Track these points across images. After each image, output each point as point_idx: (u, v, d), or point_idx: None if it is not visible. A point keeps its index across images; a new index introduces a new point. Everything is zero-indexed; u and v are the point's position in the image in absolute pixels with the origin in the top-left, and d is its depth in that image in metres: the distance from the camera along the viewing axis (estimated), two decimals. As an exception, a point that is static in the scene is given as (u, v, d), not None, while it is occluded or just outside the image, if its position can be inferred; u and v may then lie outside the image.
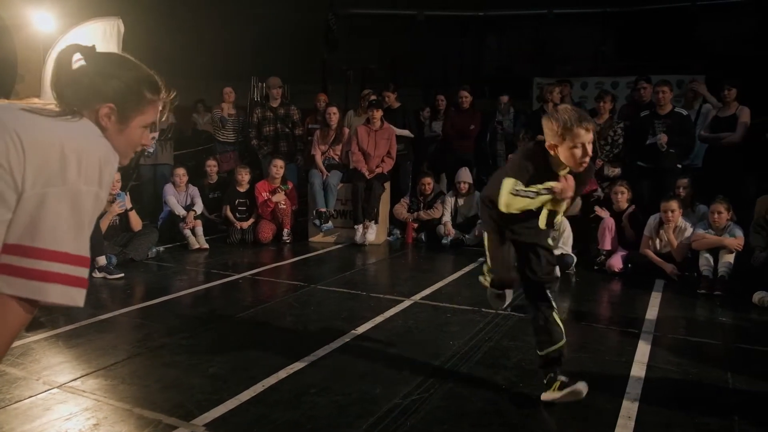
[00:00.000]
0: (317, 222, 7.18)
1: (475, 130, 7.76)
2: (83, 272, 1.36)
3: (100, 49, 1.50)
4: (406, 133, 7.70)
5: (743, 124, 6.23)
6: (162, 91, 1.55)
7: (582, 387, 2.78)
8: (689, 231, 5.40)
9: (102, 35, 5.36)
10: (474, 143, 7.88)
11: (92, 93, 1.44)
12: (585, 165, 2.69)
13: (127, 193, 6.17)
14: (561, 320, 2.93)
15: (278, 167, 7.19)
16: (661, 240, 5.55)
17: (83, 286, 1.36)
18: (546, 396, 2.85)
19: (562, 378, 2.84)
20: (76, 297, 1.35)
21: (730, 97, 6.38)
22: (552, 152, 2.70)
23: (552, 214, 2.70)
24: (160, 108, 1.57)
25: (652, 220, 5.59)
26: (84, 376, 3.13)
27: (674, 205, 5.40)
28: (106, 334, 3.83)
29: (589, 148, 2.65)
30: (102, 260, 5.33)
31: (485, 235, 3.15)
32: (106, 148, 1.41)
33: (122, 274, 5.35)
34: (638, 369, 3.28)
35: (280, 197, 7.19)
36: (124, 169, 6.08)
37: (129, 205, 6.09)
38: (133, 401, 2.84)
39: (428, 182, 7.33)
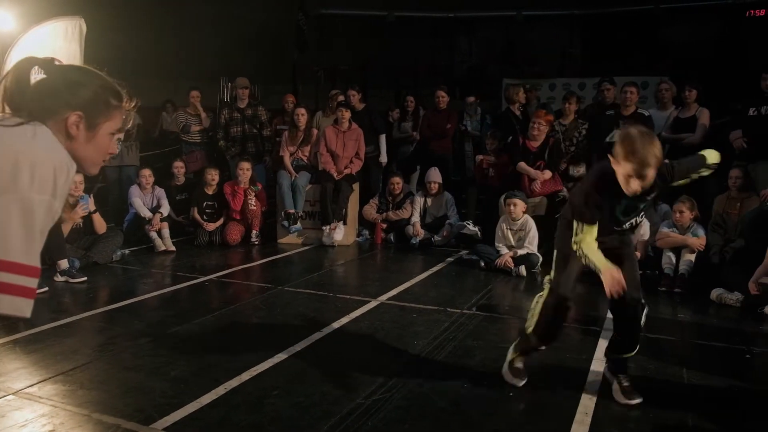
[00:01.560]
0: (286, 223, 7.14)
1: (451, 129, 7.80)
2: (33, 282, 1.35)
3: (62, 48, 1.50)
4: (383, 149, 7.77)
5: (703, 125, 6.37)
6: (124, 98, 1.54)
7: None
8: (645, 227, 5.46)
9: (64, 34, 5.25)
10: (452, 143, 7.93)
11: (59, 102, 1.43)
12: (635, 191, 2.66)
13: (91, 195, 6.07)
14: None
15: (245, 170, 7.10)
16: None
17: (31, 297, 1.35)
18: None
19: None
20: (24, 308, 1.34)
21: (690, 98, 6.50)
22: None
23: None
24: (124, 116, 1.56)
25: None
26: (41, 381, 3.08)
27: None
28: (66, 338, 3.76)
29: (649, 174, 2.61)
30: (64, 264, 5.22)
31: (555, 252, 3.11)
32: (62, 156, 1.39)
33: (85, 278, 5.25)
34: (597, 366, 3.34)
35: (249, 196, 7.14)
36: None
37: (93, 208, 5.98)
38: (92, 406, 2.80)
39: (397, 182, 7.32)
